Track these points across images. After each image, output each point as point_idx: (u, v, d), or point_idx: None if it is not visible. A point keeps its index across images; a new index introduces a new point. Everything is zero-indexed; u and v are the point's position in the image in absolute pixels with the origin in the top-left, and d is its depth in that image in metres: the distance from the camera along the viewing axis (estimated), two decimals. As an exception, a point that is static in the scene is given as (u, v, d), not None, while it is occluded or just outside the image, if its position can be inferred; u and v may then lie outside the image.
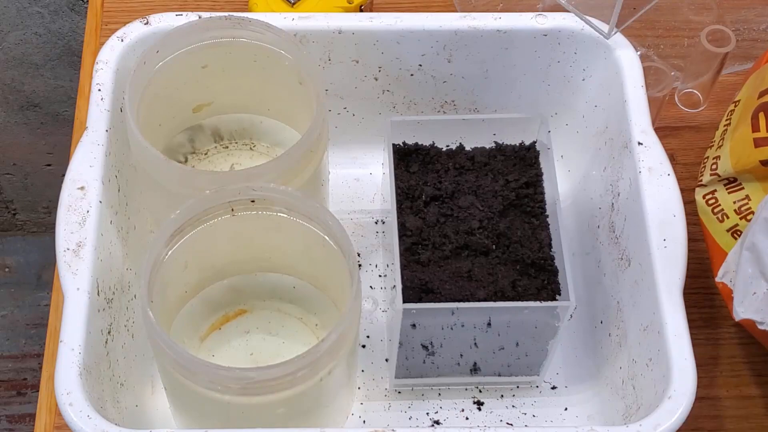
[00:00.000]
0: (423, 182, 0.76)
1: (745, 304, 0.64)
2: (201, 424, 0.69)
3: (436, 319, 0.70)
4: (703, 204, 0.74)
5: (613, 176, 0.77)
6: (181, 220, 0.68)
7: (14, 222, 1.57)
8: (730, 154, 0.72)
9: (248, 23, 0.74)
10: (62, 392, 0.64)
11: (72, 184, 0.71)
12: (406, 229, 0.74)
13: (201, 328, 0.76)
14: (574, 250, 0.81)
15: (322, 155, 0.74)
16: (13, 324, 1.54)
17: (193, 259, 0.72)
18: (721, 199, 0.73)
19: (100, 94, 0.75)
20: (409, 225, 0.74)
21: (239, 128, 0.83)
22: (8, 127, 1.40)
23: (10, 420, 1.47)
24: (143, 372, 0.76)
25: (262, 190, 0.68)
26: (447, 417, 0.76)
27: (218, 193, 0.68)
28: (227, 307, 0.77)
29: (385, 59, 0.81)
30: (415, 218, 0.75)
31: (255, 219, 0.70)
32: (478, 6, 0.93)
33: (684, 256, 0.70)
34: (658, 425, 0.64)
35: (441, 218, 0.75)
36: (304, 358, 0.62)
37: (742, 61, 0.91)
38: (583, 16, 0.79)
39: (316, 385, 0.65)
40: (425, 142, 0.78)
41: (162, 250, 0.67)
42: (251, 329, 0.76)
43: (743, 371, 0.78)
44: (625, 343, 0.73)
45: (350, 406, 0.76)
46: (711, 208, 0.73)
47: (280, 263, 0.76)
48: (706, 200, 0.74)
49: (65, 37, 1.27)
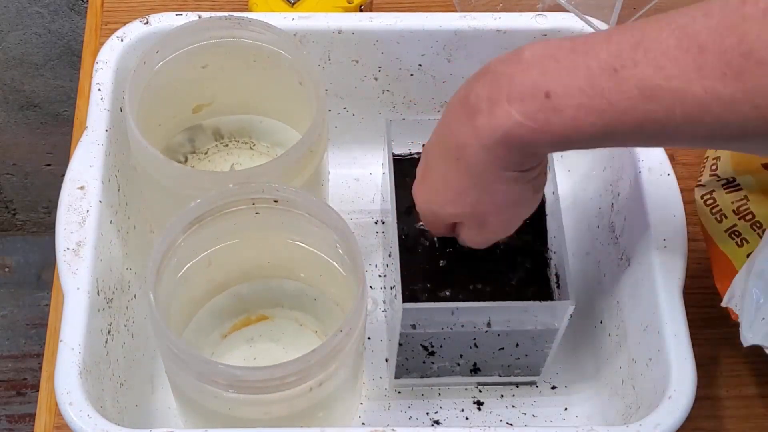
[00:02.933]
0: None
1: (754, 330, 0.64)
2: (204, 422, 0.69)
3: (436, 319, 0.70)
4: (701, 204, 0.74)
5: (613, 176, 0.77)
6: (201, 210, 0.68)
7: (14, 222, 1.57)
8: (730, 155, 0.72)
9: (248, 23, 0.74)
10: (62, 392, 0.63)
11: (72, 183, 0.71)
12: (405, 229, 0.74)
13: (225, 326, 0.77)
14: (574, 250, 0.81)
15: (322, 155, 0.74)
16: (13, 324, 1.54)
17: (216, 256, 0.72)
18: (719, 199, 0.73)
19: (100, 94, 0.75)
20: (409, 225, 0.74)
21: (239, 128, 0.83)
22: (8, 127, 1.40)
23: (10, 420, 1.47)
24: (143, 372, 0.76)
25: (285, 191, 0.68)
26: (447, 417, 0.76)
27: (241, 187, 0.68)
28: (251, 310, 0.77)
29: (384, 59, 0.81)
30: (415, 218, 0.75)
31: (278, 220, 0.70)
32: (478, 6, 0.93)
33: (684, 256, 0.70)
34: (658, 425, 0.64)
35: (441, 218, 0.75)
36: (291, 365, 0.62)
37: (742, 61, 0.90)
38: (583, 16, 0.79)
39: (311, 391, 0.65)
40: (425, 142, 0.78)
41: (178, 236, 0.67)
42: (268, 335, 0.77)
43: (743, 371, 0.78)
44: (625, 343, 0.73)
45: (356, 408, 0.76)
46: (709, 208, 0.73)
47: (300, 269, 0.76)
48: (704, 200, 0.74)
49: (65, 37, 1.27)
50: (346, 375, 0.68)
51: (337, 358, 0.64)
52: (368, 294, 0.69)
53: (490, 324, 0.71)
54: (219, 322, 0.77)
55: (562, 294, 0.71)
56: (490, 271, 0.73)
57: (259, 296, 0.77)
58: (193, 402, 0.68)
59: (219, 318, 0.77)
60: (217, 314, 0.77)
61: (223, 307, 0.77)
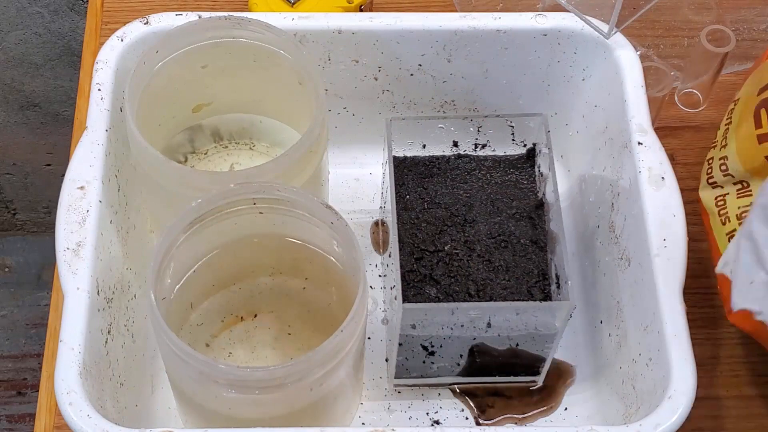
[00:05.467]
0: (422, 186, 0.76)
1: (743, 294, 0.64)
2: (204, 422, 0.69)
3: (436, 319, 0.70)
4: (712, 205, 0.74)
5: (613, 176, 0.77)
6: (201, 210, 0.68)
7: (14, 222, 1.57)
8: (737, 153, 0.72)
9: (248, 23, 0.74)
10: (62, 392, 0.64)
11: (72, 183, 0.71)
12: (405, 228, 0.74)
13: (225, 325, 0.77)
14: (574, 250, 0.81)
15: (322, 155, 0.74)
16: (13, 324, 1.54)
17: (216, 256, 0.72)
18: (729, 202, 0.73)
19: (99, 94, 0.75)
20: (408, 224, 0.74)
21: (239, 128, 0.83)
22: (8, 127, 1.40)
23: (10, 420, 1.47)
24: (143, 372, 0.76)
25: (285, 191, 0.68)
26: (447, 417, 0.76)
27: (242, 187, 0.68)
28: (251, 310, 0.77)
29: (384, 59, 0.81)
30: (415, 218, 0.75)
31: (278, 220, 0.70)
32: (478, 6, 0.93)
33: (684, 256, 0.70)
34: (658, 425, 0.64)
35: (441, 218, 0.75)
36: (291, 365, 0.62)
37: (742, 61, 0.91)
38: (583, 16, 0.79)
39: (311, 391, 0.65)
40: (425, 142, 0.78)
41: (178, 236, 0.67)
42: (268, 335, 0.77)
43: (743, 371, 0.78)
44: (625, 343, 0.73)
45: (356, 408, 0.76)
46: (719, 209, 0.73)
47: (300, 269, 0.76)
48: (716, 201, 0.73)
49: (65, 37, 1.27)
50: (346, 375, 0.68)
51: (337, 358, 0.64)
52: (368, 294, 0.68)
53: (490, 324, 0.71)
54: (219, 321, 0.77)
55: (562, 294, 0.71)
56: (490, 271, 0.73)
57: (259, 296, 0.77)
58: (193, 402, 0.68)
59: (219, 317, 0.77)
60: (217, 313, 0.77)
61: (223, 306, 0.77)
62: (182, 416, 0.74)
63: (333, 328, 0.63)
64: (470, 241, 0.74)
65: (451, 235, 0.75)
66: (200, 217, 0.68)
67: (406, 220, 0.75)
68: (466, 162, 0.78)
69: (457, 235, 0.75)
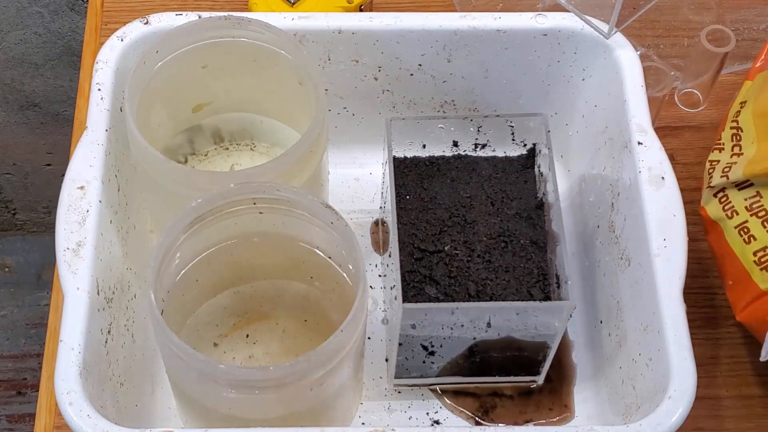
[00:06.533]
0: (422, 187, 0.76)
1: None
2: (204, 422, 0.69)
3: (436, 319, 0.70)
4: (715, 201, 0.73)
5: (613, 176, 0.77)
6: (201, 210, 0.68)
7: (14, 222, 1.57)
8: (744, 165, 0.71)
9: (248, 23, 0.74)
10: (62, 392, 0.64)
11: (72, 183, 0.71)
12: (405, 228, 0.74)
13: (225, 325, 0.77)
14: (574, 250, 0.81)
15: (322, 155, 0.74)
16: (13, 324, 1.54)
17: (217, 256, 0.72)
18: (732, 196, 0.73)
19: (99, 94, 0.75)
20: (408, 224, 0.74)
21: (239, 128, 0.83)
22: (8, 127, 1.40)
23: (10, 420, 1.47)
24: (143, 372, 0.76)
25: (286, 191, 0.68)
26: (447, 417, 0.76)
27: (242, 187, 0.68)
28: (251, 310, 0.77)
29: (384, 59, 0.81)
30: (415, 218, 0.75)
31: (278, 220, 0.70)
32: (478, 6, 0.93)
33: (684, 256, 0.70)
34: (658, 425, 0.64)
35: (441, 218, 0.75)
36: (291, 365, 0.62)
37: (742, 60, 0.91)
38: (583, 16, 0.79)
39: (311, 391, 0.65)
40: (425, 142, 0.78)
41: (179, 236, 0.68)
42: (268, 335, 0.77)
43: (743, 371, 0.78)
44: (625, 343, 0.73)
45: (356, 408, 0.76)
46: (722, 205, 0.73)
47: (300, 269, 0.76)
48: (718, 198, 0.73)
49: (65, 37, 1.27)
50: (346, 375, 0.68)
51: (337, 358, 0.64)
52: (368, 294, 0.68)
53: (490, 324, 0.71)
54: (219, 321, 0.77)
55: (562, 294, 0.71)
56: (490, 271, 0.73)
57: (259, 296, 0.77)
58: (193, 402, 0.68)
59: (219, 317, 0.77)
60: (217, 314, 0.77)
61: (223, 306, 0.77)
62: (182, 416, 0.74)
63: (333, 328, 0.63)
64: (470, 241, 0.74)
65: (451, 235, 0.75)
66: (200, 217, 0.68)
67: (406, 220, 0.75)
68: (466, 162, 0.78)
69: (457, 235, 0.75)
